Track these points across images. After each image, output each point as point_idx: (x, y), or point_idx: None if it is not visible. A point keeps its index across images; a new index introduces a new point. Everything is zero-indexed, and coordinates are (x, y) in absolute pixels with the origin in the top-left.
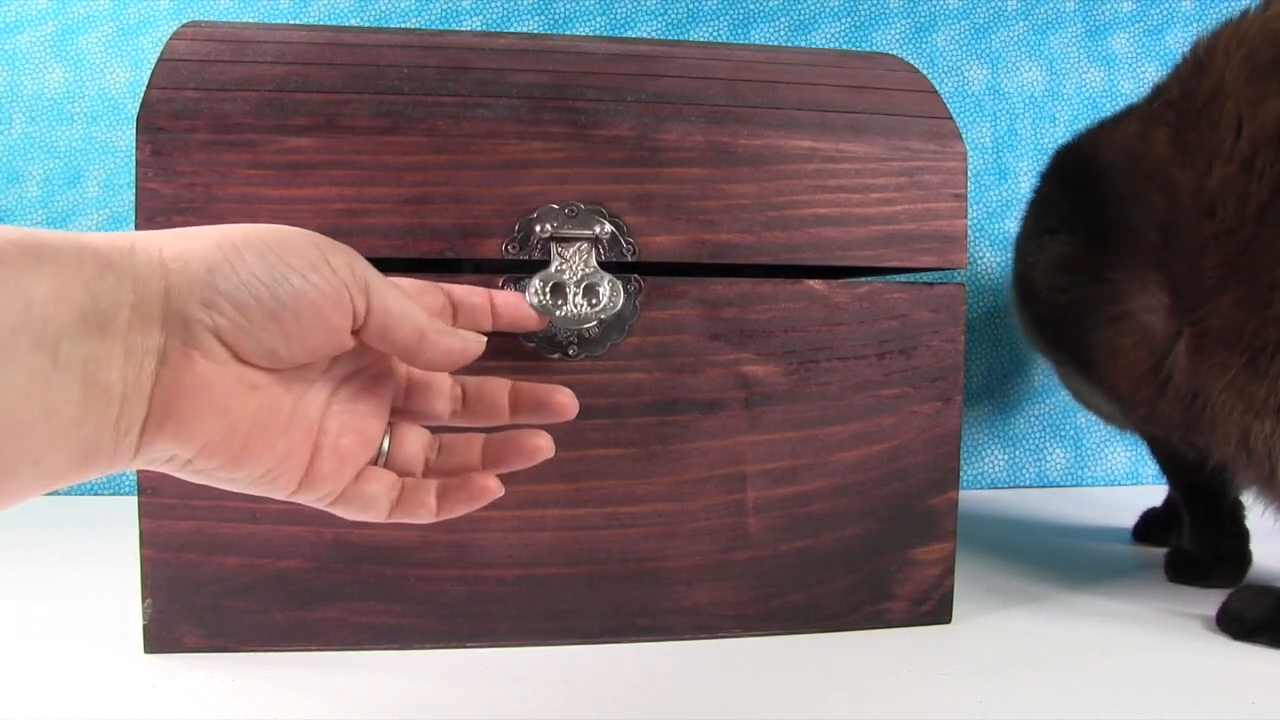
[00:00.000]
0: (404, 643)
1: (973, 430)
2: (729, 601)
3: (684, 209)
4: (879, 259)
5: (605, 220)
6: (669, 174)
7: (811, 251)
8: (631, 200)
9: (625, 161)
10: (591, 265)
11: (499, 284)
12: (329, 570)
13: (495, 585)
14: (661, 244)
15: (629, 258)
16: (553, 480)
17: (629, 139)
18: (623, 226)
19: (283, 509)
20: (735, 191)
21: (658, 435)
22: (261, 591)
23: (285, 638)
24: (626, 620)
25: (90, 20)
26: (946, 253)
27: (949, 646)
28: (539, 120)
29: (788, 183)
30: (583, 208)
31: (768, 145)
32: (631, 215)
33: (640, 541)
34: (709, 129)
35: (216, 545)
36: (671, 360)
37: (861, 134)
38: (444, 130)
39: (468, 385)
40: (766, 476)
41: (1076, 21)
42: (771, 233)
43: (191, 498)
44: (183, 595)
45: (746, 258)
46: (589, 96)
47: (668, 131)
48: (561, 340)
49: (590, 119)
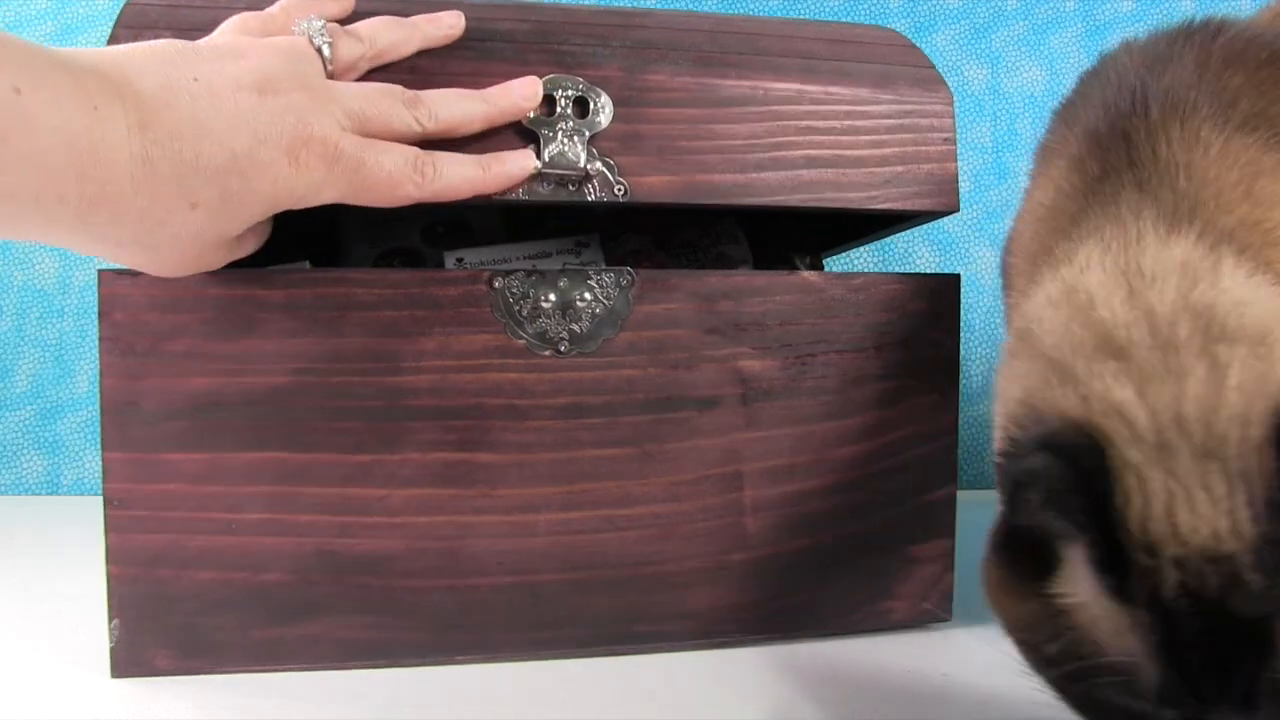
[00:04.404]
0: (392, 658)
1: (972, 430)
2: (729, 605)
3: (674, 149)
4: (872, 200)
5: (596, 158)
6: (658, 114)
7: (804, 193)
8: (621, 140)
9: (614, 101)
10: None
11: (484, 277)
12: (311, 583)
13: (487, 594)
14: (653, 184)
15: (620, 197)
16: (545, 483)
17: (617, 79)
18: (613, 165)
19: (262, 519)
20: (725, 132)
21: (653, 434)
22: (239, 608)
23: (265, 657)
24: (624, 628)
25: (90, 20)
26: (940, 195)
27: (949, 647)
28: (525, 61)
29: (777, 124)
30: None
31: (756, 87)
32: (621, 155)
33: (636, 545)
34: (696, 71)
35: (190, 559)
36: (666, 356)
37: (848, 78)
38: (427, 69)
39: None
40: (764, 474)
41: (1076, 21)
42: (763, 174)
43: (163, 509)
44: (153, 614)
45: (739, 198)
46: (575, 42)
47: (655, 73)
48: (552, 337)
49: (577, 60)
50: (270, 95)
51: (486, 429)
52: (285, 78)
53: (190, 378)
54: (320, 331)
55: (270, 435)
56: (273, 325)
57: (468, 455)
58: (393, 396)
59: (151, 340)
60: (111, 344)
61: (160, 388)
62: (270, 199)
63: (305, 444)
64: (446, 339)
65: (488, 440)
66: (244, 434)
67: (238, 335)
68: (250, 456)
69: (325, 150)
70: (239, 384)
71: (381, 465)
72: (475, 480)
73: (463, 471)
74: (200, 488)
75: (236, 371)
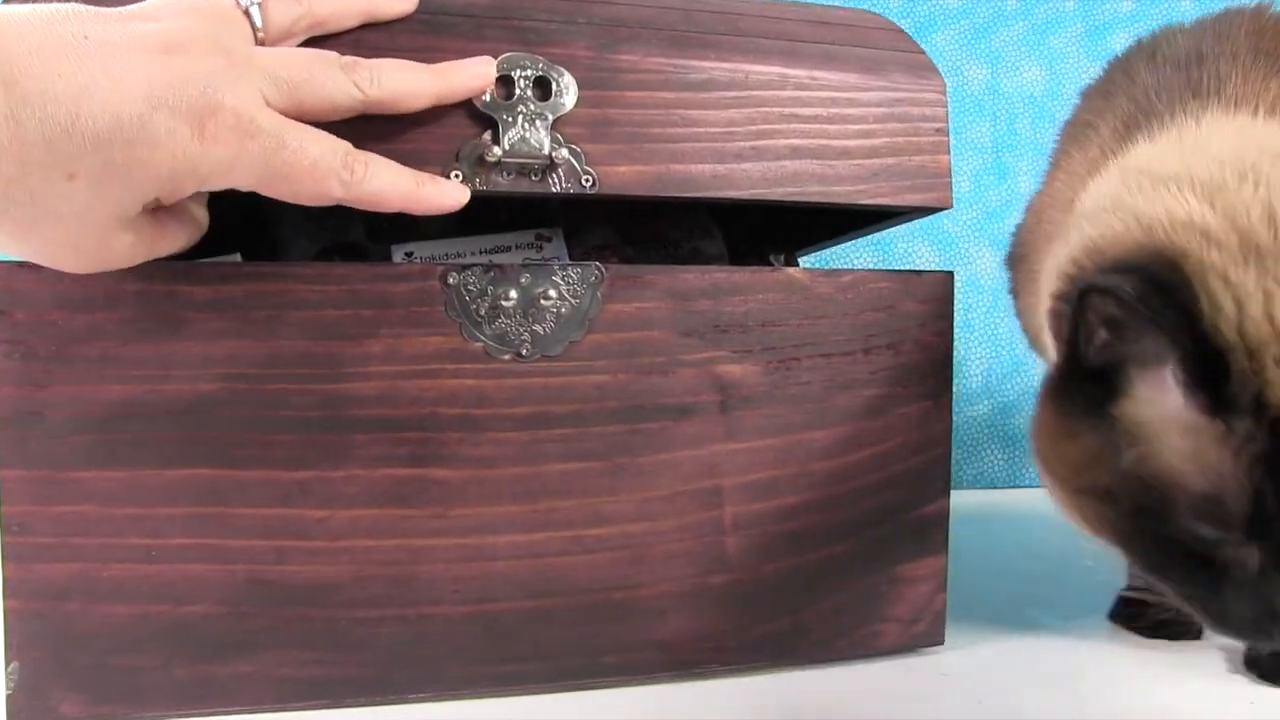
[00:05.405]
0: (335, 698)
1: (972, 430)
2: (707, 632)
3: (647, 136)
4: (860, 195)
5: (561, 145)
6: (629, 98)
7: (788, 186)
8: (588, 126)
9: (581, 83)
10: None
11: (438, 273)
12: (244, 615)
13: (440, 625)
14: (624, 174)
15: (588, 189)
16: (505, 500)
17: (584, 59)
18: (579, 153)
19: (185, 544)
20: (702, 118)
21: (625, 446)
22: (160, 644)
23: (190, 699)
24: (592, 660)
25: None
26: (933, 190)
27: (941, 674)
28: (482, 37)
29: (758, 110)
30: None
31: (736, 70)
32: (589, 142)
33: (607, 568)
34: (671, 52)
35: (103, 591)
36: (639, 360)
37: (835, 62)
38: (373, 43)
39: None
40: (745, 490)
41: (1076, 21)
42: (743, 165)
43: (71, 535)
44: (59, 654)
45: (718, 191)
46: (537, 17)
47: (627, 53)
48: (513, 339)
49: (540, 38)
50: (178, 56)
51: (440, 442)
52: (199, 40)
53: (104, 385)
54: (254, 333)
55: (196, 450)
56: (199, 326)
57: (419, 471)
58: (335, 406)
59: (58, 343)
60: (11, 347)
61: (68, 396)
62: (166, 174)
63: (236, 459)
64: (395, 341)
65: (442, 454)
66: (166, 448)
67: (159, 337)
68: (173, 474)
69: (238, 123)
70: (160, 392)
71: (322, 483)
72: (428, 499)
73: (414, 489)
74: (115, 510)
75: (158, 378)
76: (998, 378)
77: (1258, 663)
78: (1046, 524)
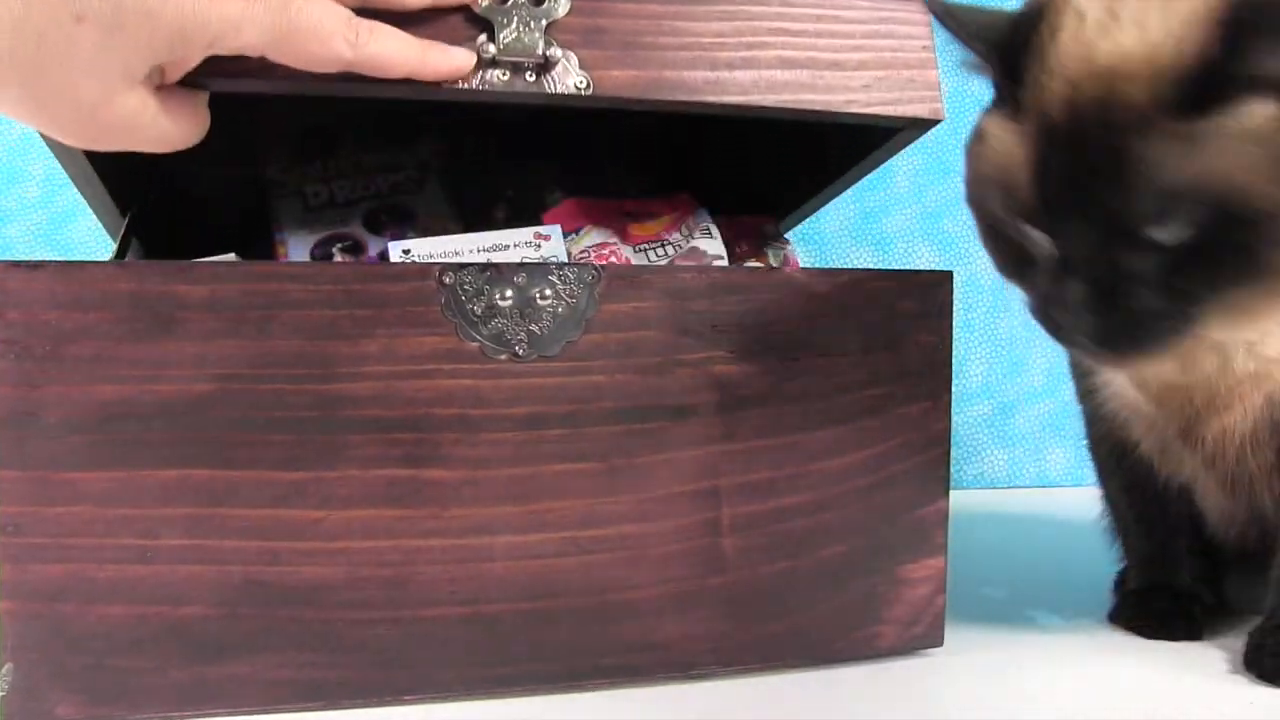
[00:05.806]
0: (330, 700)
1: (972, 430)
2: (704, 634)
3: (640, 44)
4: (852, 104)
5: (555, 46)
6: (620, 8)
7: (779, 93)
8: (582, 33)
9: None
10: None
11: (434, 272)
12: (239, 617)
13: (436, 626)
14: (618, 78)
15: (583, 91)
16: (502, 502)
17: None
18: (574, 58)
19: (180, 545)
20: (692, 29)
21: (621, 447)
22: (155, 646)
23: (185, 701)
24: (589, 661)
25: None
26: (924, 101)
27: (940, 677)
28: None
29: (747, 24)
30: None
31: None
32: (583, 48)
33: (603, 569)
34: None
35: (98, 592)
36: (636, 360)
37: None
38: None
39: None
40: (743, 490)
41: None
42: (734, 73)
43: (66, 536)
44: (55, 656)
45: (710, 95)
46: None
47: None
48: (509, 339)
49: None
50: None
51: (436, 442)
52: None
53: (98, 385)
54: (248, 333)
55: (190, 450)
56: (193, 325)
57: (415, 472)
58: (330, 406)
59: (52, 342)
60: (4, 347)
61: (62, 397)
62: (176, 27)
63: (231, 460)
64: (391, 341)
65: (437, 455)
66: (160, 449)
67: (153, 337)
68: (167, 475)
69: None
70: (154, 392)
71: (317, 484)
72: (423, 500)
73: (409, 490)
74: (110, 510)
75: (151, 378)
76: (998, 378)
77: (1258, 663)
78: (1046, 524)
